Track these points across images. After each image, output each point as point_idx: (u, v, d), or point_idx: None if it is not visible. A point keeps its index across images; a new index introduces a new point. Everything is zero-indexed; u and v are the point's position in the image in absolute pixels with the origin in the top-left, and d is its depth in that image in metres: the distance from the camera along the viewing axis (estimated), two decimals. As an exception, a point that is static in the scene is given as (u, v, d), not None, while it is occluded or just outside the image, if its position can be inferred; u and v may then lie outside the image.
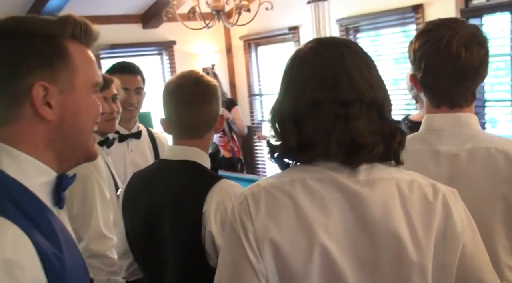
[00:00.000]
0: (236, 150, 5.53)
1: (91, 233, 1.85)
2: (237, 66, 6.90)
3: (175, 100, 1.59)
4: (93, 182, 1.89)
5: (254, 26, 5.33)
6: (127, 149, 2.51)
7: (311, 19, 5.61)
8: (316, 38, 1.15)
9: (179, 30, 6.08)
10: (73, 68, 0.94)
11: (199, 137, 1.60)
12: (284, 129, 1.06)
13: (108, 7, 5.58)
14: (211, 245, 1.45)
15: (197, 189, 1.50)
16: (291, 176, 1.05)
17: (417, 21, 4.62)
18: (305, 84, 1.05)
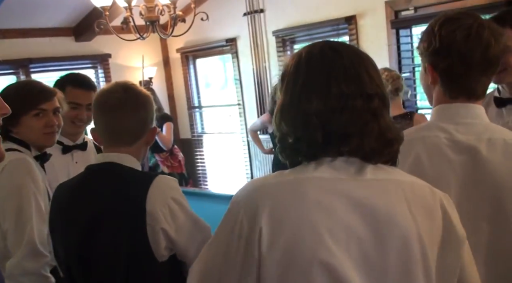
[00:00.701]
0: (176, 165, 5.44)
1: (24, 249, 1.72)
2: (175, 78, 6.83)
3: (102, 105, 1.55)
4: (29, 194, 1.77)
5: (191, 38, 5.30)
6: (72, 161, 2.37)
7: (248, 30, 5.65)
8: (323, 41, 1.13)
9: (114, 42, 5.95)
10: None
11: (128, 145, 1.55)
12: (305, 126, 1.03)
13: (39, 19, 5.38)
14: (164, 240, 1.43)
15: (135, 190, 1.46)
16: (296, 175, 1.03)
17: (350, 31, 4.75)
18: (327, 78, 1.04)
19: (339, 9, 4.80)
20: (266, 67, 5.60)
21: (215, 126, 6.69)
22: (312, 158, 1.04)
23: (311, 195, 0.99)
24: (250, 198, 1.03)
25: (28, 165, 1.80)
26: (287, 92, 1.08)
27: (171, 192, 1.48)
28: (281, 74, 1.12)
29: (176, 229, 1.45)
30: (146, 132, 1.58)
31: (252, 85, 5.77)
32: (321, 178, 1.01)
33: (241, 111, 6.04)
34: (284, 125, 1.07)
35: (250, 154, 6.05)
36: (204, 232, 1.54)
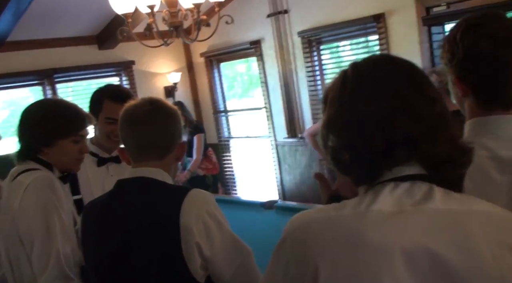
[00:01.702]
0: (210, 167, 5.45)
1: (51, 273, 1.64)
2: (199, 83, 6.76)
3: (129, 119, 1.52)
4: (54, 213, 1.69)
5: (214, 42, 5.22)
6: (107, 173, 2.29)
7: (272, 32, 5.53)
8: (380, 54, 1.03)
9: (137, 49, 5.91)
10: None
11: (157, 160, 1.50)
12: (362, 133, 0.91)
13: (62, 29, 5.37)
14: (198, 256, 1.37)
15: (168, 204, 1.41)
16: (352, 209, 0.90)
17: (379, 30, 4.58)
18: (381, 80, 0.93)
19: (366, 7, 4.64)
20: (292, 69, 5.48)
21: (242, 130, 6.59)
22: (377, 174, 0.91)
23: (369, 237, 0.85)
24: (298, 238, 0.91)
25: (52, 182, 1.73)
26: (333, 104, 0.96)
27: (206, 206, 1.41)
28: (323, 96, 1.01)
29: (211, 247, 1.38)
30: (174, 147, 1.53)
31: (278, 87, 5.65)
32: (380, 212, 0.87)
33: (268, 114, 5.92)
34: (335, 138, 0.94)
35: (279, 158, 5.93)
36: (243, 255, 1.46)
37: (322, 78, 5.33)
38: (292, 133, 5.66)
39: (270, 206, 3.65)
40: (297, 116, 5.58)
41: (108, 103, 2.21)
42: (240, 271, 1.45)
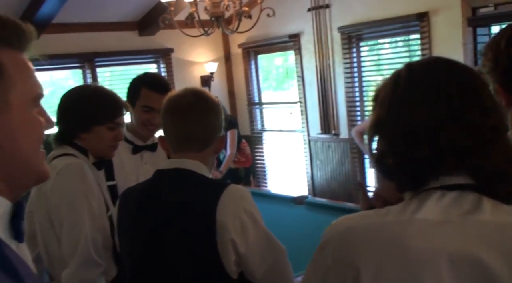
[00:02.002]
0: (243, 160, 5.45)
1: (79, 258, 1.67)
2: (236, 74, 6.77)
3: (171, 109, 1.52)
4: (83, 200, 1.72)
5: (253, 33, 5.22)
6: (141, 161, 2.32)
7: (312, 26, 5.49)
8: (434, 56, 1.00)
9: (176, 37, 5.95)
10: (7, 83, 0.77)
11: (196, 152, 1.50)
12: (409, 139, 0.89)
13: (104, 14, 5.45)
14: (233, 252, 1.37)
15: (205, 199, 1.41)
16: (396, 217, 0.88)
17: (422, 29, 4.49)
18: (434, 86, 0.90)
19: (410, 5, 4.55)
20: (330, 64, 5.43)
21: (276, 123, 6.58)
22: (420, 183, 0.89)
23: (413, 245, 0.83)
24: (340, 244, 0.89)
25: (82, 170, 1.76)
26: (383, 105, 0.94)
27: (243, 203, 1.41)
28: (374, 95, 0.99)
29: (246, 244, 1.38)
30: (214, 140, 1.53)
31: (314, 82, 5.61)
32: (425, 221, 0.85)
33: (303, 109, 5.89)
34: (381, 142, 0.93)
35: (311, 153, 5.90)
36: (276, 253, 1.46)
37: (359, 75, 5.27)
38: (326, 129, 5.62)
39: (301, 201, 3.64)
40: (332, 112, 5.54)
41: (146, 91, 2.21)
42: (273, 269, 1.45)
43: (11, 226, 0.79)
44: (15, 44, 0.79)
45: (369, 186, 5.46)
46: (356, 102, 5.32)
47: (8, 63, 0.77)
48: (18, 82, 0.78)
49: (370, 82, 5.29)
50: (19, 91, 0.78)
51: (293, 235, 2.73)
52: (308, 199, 3.75)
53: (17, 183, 0.81)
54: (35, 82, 0.83)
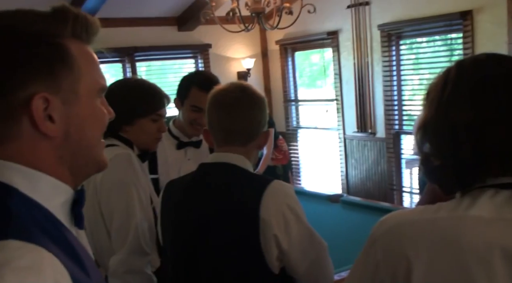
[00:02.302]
0: (280, 157, 5.41)
1: (129, 247, 1.71)
2: (272, 71, 6.77)
3: (217, 103, 1.52)
4: (133, 190, 1.75)
5: (291, 30, 5.20)
6: (185, 157, 2.34)
7: (351, 24, 5.44)
8: (487, 52, 0.98)
9: (214, 33, 6.00)
10: (76, 74, 0.80)
11: (241, 146, 1.51)
12: (451, 141, 0.88)
13: (145, 9, 5.53)
14: (275, 248, 1.37)
15: (249, 194, 1.41)
16: (448, 213, 0.87)
17: (465, 28, 4.40)
18: (481, 84, 0.89)
19: (453, 3, 4.46)
20: (369, 62, 5.37)
21: (311, 120, 6.56)
22: (467, 184, 0.88)
23: (466, 240, 0.82)
24: (391, 239, 0.89)
25: (131, 160, 1.79)
26: (432, 106, 0.93)
27: (287, 199, 1.40)
28: (426, 92, 0.98)
29: (289, 240, 1.38)
30: (259, 134, 1.53)
31: (352, 80, 5.57)
32: (479, 218, 0.84)
33: (339, 107, 5.85)
34: (428, 144, 0.92)
35: (346, 151, 5.86)
36: (318, 248, 1.46)
37: (398, 73, 5.19)
38: (362, 128, 5.57)
39: (336, 199, 3.63)
40: (369, 111, 5.48)
41: (195, 91, 2.22)
42: (315, 264, 1.45)
43: (72, 213, 0.82)
44: (83, 37, 0.82)
45: (404, 187, 5.39)
46: (394, 101, 5.25)
47: (77, 55, 0.80)
48: (86, 74, 0.81)
49: (408, 81, 5.21)
50: (87, 82, 0.81)
51: (329, 232, 2.72)
52: (344, 197, 3.73)
53: (80, 171, 0.84)
54: (100, 74, 0.86)
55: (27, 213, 0.72)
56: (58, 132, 0.78)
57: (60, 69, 0.77)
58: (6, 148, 0.76)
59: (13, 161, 0.76)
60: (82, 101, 0.81)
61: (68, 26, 0.79)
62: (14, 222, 0.69)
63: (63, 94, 0.78)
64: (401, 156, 5.36)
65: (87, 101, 0.82)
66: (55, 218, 0.77)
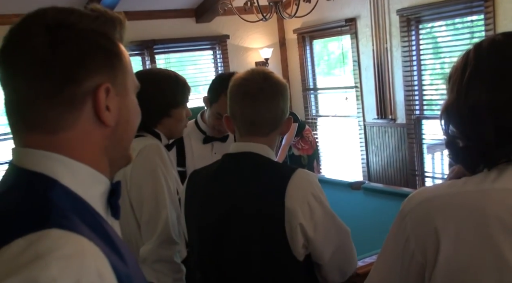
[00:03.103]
0: (306, 148, 5.42)
1: (160, 236, 1.73)
2: (290, 60, 6.76)
3: (240, 94, 1.50)
4: (162, 180, 1.77)
5: (308, 18, 5.19)
6: (211, 151, 2.38)
7: (369, 10, 5.39)
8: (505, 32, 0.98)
9: (232, 24, 6.01)
10: (125, 69, 0.86)
11: (264, 136, 1.50)
12: (474, 123, 0.90)
13: (162, 1, 5.56)
14: (301, 236, 1.38)
15: (274, 184, 1.41)
16: (476, 186, 0.89)
17: (486, 9, 4.33)
18: (499, 65, 0.90)
19: (473, -16, 4.38)
20: (388, 48, 5.33)
21: (331, 109, 6.54)
22: (492, 163, 0.89)
23: (492, 212, 0.84)
24: (420, 212, 0.91)
25: (161, 150, 1.81)
26: (453, 89, 0.95)
27: (311, 188, 1.41)
28: (448, 75, 0.99)
29: (315, 228, 1.39)
30: (282, 122, 1.53)
31: (371, 67, 5.53)
32: (505, 190, 0.85)
33: (358, 94, 5.83)
34: (452, 126, 0.94)
35: (367, 138, 5.84)
36: (342, 235, 1.47)
37: (418, 58, 5.14)
38: (382, 114, 5.54)
39: (358, 187, 3.63)
40: (389, 97, 5.44)
41: (224, 99, 2.23)
42: (339, 251, 1.46)
43: (108, 204, 0.85)
44: (119, 37, 0.86)
45: (426, 172, 5.36)
46: (415, 86, 5.20)
47: (123, 53, 0.85)
48: (130, 71, 0.88)
49: (428, 66, 5.15)
50: (131, 79, 0.88)
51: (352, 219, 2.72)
52: (365, 184, 3.73)
53: (116, 164, 0.89)
54: (133, 72, 0.91)
55: (67, 203, 0.75)
56: (113, 122, 0.83)
57: (117, 63, 0.83)
58: (59, 138, 0.79)
59: (60, 151, 0.78)
60: (129, 95, 0.87)
61: (116, 27, 0.84)
62: (55, 212, 0.71)
63: (118, 86, 0.83)
64: (422, 141, 5.32)
65: (131, 96, 0.88)
66: (93, 209, 0.80)
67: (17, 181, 0.77)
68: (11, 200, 0.74)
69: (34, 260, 0.62)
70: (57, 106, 0.77)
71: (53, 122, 0.78)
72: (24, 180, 0.76)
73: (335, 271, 1.48)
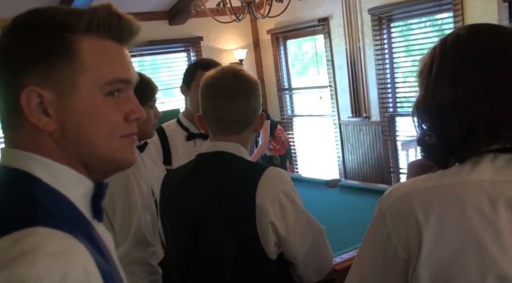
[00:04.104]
0: (278, 148, 5.42)
1: (133, 238, 1.73)
2: (265, 60, 6.78)
3: (211, 93, 1.49)
4: (133, 182, 1.76)
5: (282, 19, 5.21)
6: (194, 149, 2.38)
7: (342, 9, 5.44)
8: (469, 24, 0.99)
9: (205, 25, 6.00)
10: (77, 67, 0.78)
11: (236, 134, 1.50)
12: (440, 119, 0.91)
13: (135, 4, 5.51)
14: (273, 235, 1.38)
15: (245, 182, 1.41)
16: (452, 178, 0.90)
17: (455, 7, 4.41)
18: (465, 63, 0.91)
19: (442, -17, 4.46)
20: (361, 47, 5.39)
21: (306, 108, 6.58)
22: (461, 158, 0.91)
23: (471, 203, 0.85)
24: (400, 208, 0.91)
25: None
26: (422, 85, 0.97)
27: (282, 186, 1.41)
28: (419, 70, 1.00)
29: (286, 226, 1.39)
30: (255, 120, 1.52)
31: (345, 66, 5.58)
32: (480, 181, 0.87)
33: (333, 93, 5.87)
34: (422, 122, 0.96)
35: (342, 137, 5.89)
36: (315, 233, 1.47)
37: (390, 57, 5.21)
38: (357, 113, 5.59)
39: (334, 184, 3.66)
40: (362, 96, 5.51)
41: (201, 73, 2.26)
42: (313, 249, 1.45)
43: (92, 206, 0.83)
44: (103, 33, 0.81)
45: (401, 169, 5.43)
46: (388, 84, 5.27)
47: (87, 49, 0.79)
48: (90, 68, 0.79)
49: (401, 64, 5.23)
50: (90, 77, 0.79)
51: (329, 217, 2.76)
52: (341, 182, 3.77)
53: (94, 169, 0.83)
54: (115, 68, 0.82)
55: (51, 201, 0.74)
56: (52, 126, 0.77)
57: (57, 62, 0.77)
58: (15, 137, 0.79)
59: (35, 151, 0.77)
60: (81, 96, 0.78)
61: (82, 21, 0.78)
62: (41, 210, 0.71)
63: (58, 86, 0.77)
64: (396, 138, 5.40)
65: (87, 96, 0.79)
66: (77, 208, 0.79)
67: (2, 179, 0.77)
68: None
69: (20, 257, 0.62)
70: (6, 107, 0.78)
71: (12, 123, 0.79)
72: (8, 178, 0.76)
73: (310, 270, 1.48)
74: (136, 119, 0.85)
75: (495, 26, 0.97)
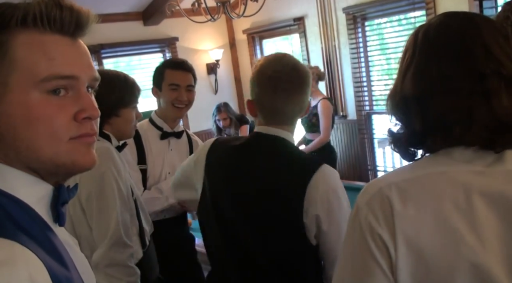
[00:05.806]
0: None
1: (110, 240, 1.71)
2: (241, 60, 6.77)
3: (272, 87, 1.48)
4: (112, 182, 1.74)
5: (257, 19, 5.22)
6: (168, 147, 2.39)
7: (317, 8, 5.47)
8: (444, 12, 0.98)
9: (181, 26, 5.97)
10: (9, 64, 0.72)
11: (290, 125, 1.54)
12: (406, 112, 0.92)
13: (108, 5, 5.46)
14: (315, 227, 1.42)
15: (301, 171, 1.44)
16: (424, 170, 0.89)
17: (427, 5, 4.48)
18: (429, 58, 0.91)
19: (414, -19, 4.52)
20: (336, 46, 5.42)
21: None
22: (431, 150, 0.92)
23: (446, 193, 0.86)
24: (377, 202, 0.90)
25: (111, 153, 1.79)
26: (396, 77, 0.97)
27: (333, 184, 1.45)
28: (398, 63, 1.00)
29: (329, 223, 1.42)
30: (304, 109, 1.56)
31: (321, 65, 5.60)
32: (454, 171, 0.87)
33: (310, 92, 5.89)
34: (392, 114, 0.96)
35: (319, 136, 5.92)
36: None
37: (366, 55, 5.26)
38: (334, 111, 5.62)
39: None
40: (339, 94, 5.54)
41: (169, 72, 2.30)
42: None
43: (52, 209, 0.79)
44: (41, 26, 0.75)
45: (378, 166, 5.48)
46: (364, 83, 5.32)
47: (19, 45, 0.73)
48: (25, 63, 0.73)
49: (376, 62, 5.28)
50: (23, 74, 0.73)
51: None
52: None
53: (42, 172, 0.78)
54: (55, 62, 0.75)
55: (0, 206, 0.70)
56: None
57: None
58: None
59: None
60: (14, 96, 0.72)
61: (15, 15, 0.73)
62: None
63: None
64: (373, 137, 5.45)
65: (20, 96, 0.72)
66: (34, 213, 0.74)
67: None
68: None
69: None
70: None
71: None
72: None
73: None
74: (87, 118, 0.78)
75: (469, 17, 0.94)
